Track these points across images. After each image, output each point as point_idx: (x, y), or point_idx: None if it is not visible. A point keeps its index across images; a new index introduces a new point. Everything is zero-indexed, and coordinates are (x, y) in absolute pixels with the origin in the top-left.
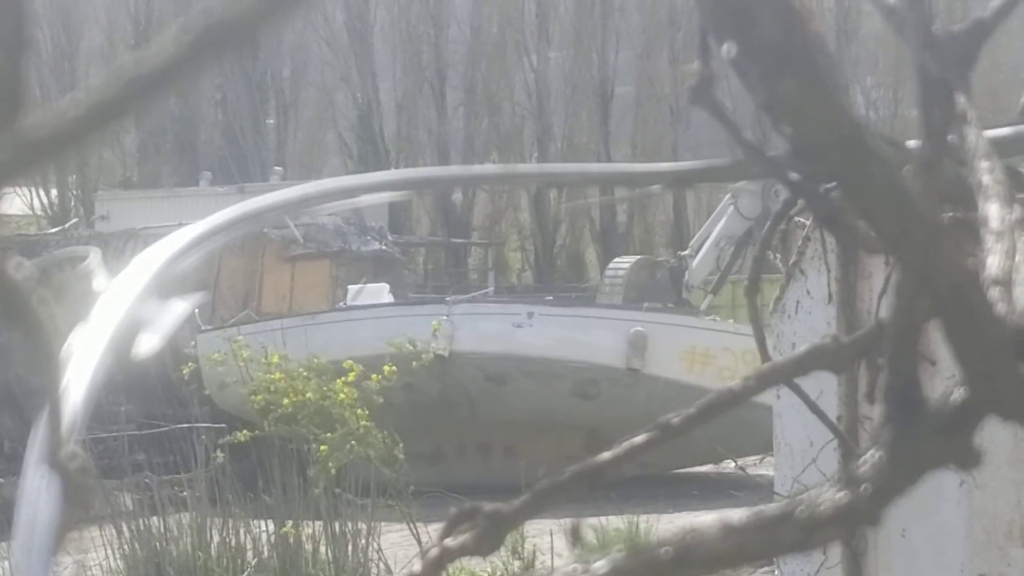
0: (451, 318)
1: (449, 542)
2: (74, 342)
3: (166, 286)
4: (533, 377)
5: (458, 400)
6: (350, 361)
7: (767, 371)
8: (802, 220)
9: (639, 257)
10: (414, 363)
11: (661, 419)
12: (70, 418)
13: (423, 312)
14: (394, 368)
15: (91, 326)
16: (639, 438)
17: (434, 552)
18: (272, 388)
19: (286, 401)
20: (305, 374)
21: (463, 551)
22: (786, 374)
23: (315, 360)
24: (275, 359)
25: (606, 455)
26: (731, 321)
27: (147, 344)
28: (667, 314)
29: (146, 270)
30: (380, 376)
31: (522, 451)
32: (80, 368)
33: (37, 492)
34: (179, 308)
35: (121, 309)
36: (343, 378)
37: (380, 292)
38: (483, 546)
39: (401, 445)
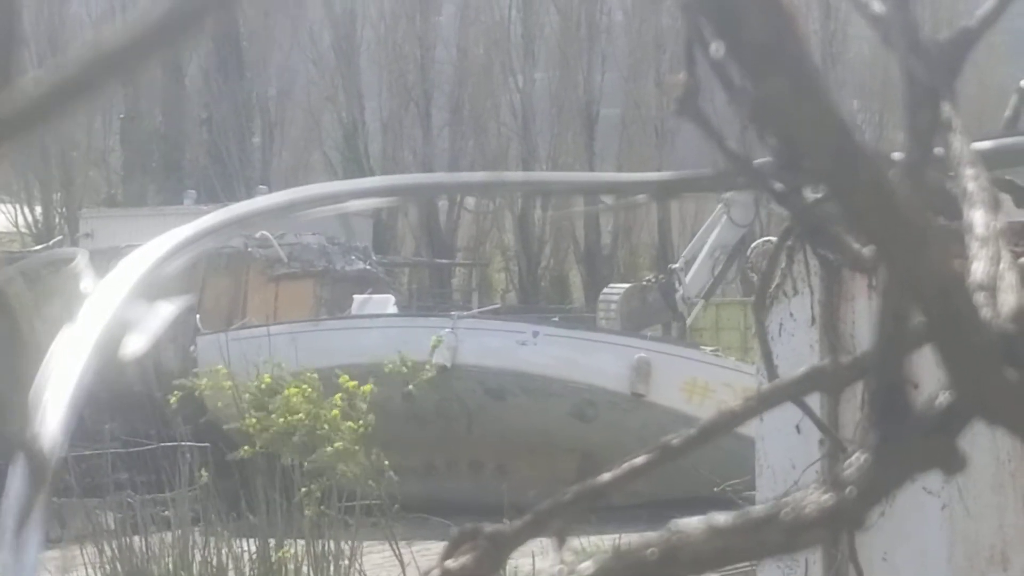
0: (456, 331)
1: (450, 563)
2: (60, 343)
3: (153, 289)
4: (532, 394)
5: (456, 413)
6: (345, 376)
7: (768, 392)
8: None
9: (627, 286)
10: (410, 386)
11: (662, 440)
12: (52, 414)
13: (428, 324)
14: (372, 387)
15: (78, 327)
16: (639, 459)
17: (435, 574)
18: (267, 407)
19: (281, 420)
20: (298, 390)
21: (464, 573)
22: (786, 395)
23: (306, 374)
24: (267, 379)
25: (606, 476)
26: (732, 359)
27: (134, 346)
28: (671, 344)
29: (133, 272)
30: (372, 385)
31: (514, 471)
32: (66, 369)
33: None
34: (166, 310)
35: (108, 311)
36: (337, 395)
37: (386, 303)
38: (484, 567)
39: (387, 464)
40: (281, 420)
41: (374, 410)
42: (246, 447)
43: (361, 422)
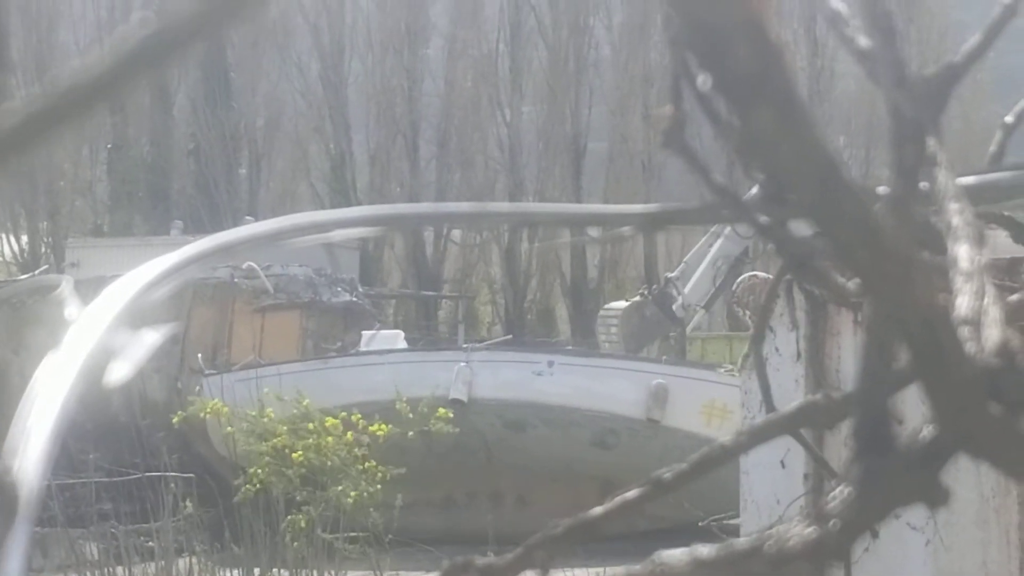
0: (470, 364)
1: None
2: (45, 371)
3: (138, 316)
4: (552, 425)
5: (475, 447)
6: (334, 420)
7: (760, 427)
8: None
9: (624, 306)
10: (429, 424)
11: (654, 475)
12: (35, 442)
13: (441, 358)
14: (386, 426)
15: (62, 355)
16: (631, 493)
17: None
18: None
19: (295, 455)
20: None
21: None
22: (778, 430)
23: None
24: (270, 413)
25: (599, 510)
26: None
27: (118, 374)
28: (687, 367)
29: (118, 300)
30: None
31: (534, 500)
32: (50, 396)
33: None
34: (151, 339)
35: (93, 338)
36: (349, 434)
37: (395, 338)
38: None
39: (400, 497)
40: (295, 455)
41: (390, 446)
42: (248, 486)
43: (380, 467)
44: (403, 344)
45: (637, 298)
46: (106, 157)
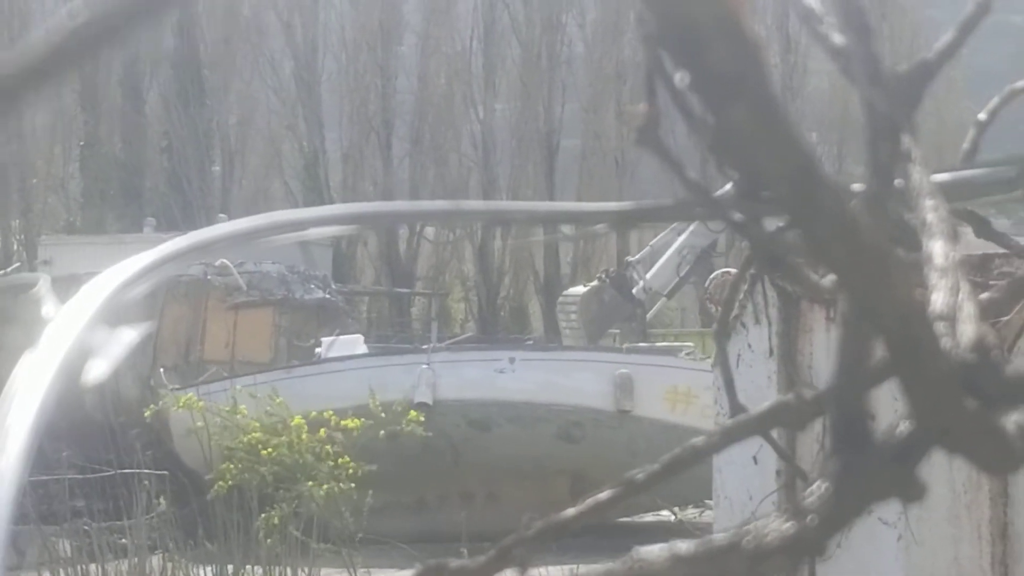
0: (432, 366)
1: None
2: (22, 369)
3: (114, 315)
4: (517, 422)
5: (442, 448)
6: (331, 412)
7: (731, 427)
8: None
9: (581, 293)
10: (402, 424)
11: (626, 475)
12: (12, 440)
13: (402, 362)
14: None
15: (40, 352)
16: (603, 494)
17: None
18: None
19: (267, 452)
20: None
21: None
22: (750, 430)
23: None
24: (243, 410)
25: (571, 511)
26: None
27: (96, 371)
28: (648, 355)
29: (95, 298)
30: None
31: (505, 498)
32: (27, 395)
33: None
34: (127, 337)
35: (70, 337)
36: (321, 430)
37: (355, 343)
38: None
39: (370, 496)
40: (282, 455)
41: (360, 450)
42: (220, 483)
43: (352, 463)
44: (363, 348)
45: (595, 283)
46: (78, 154)
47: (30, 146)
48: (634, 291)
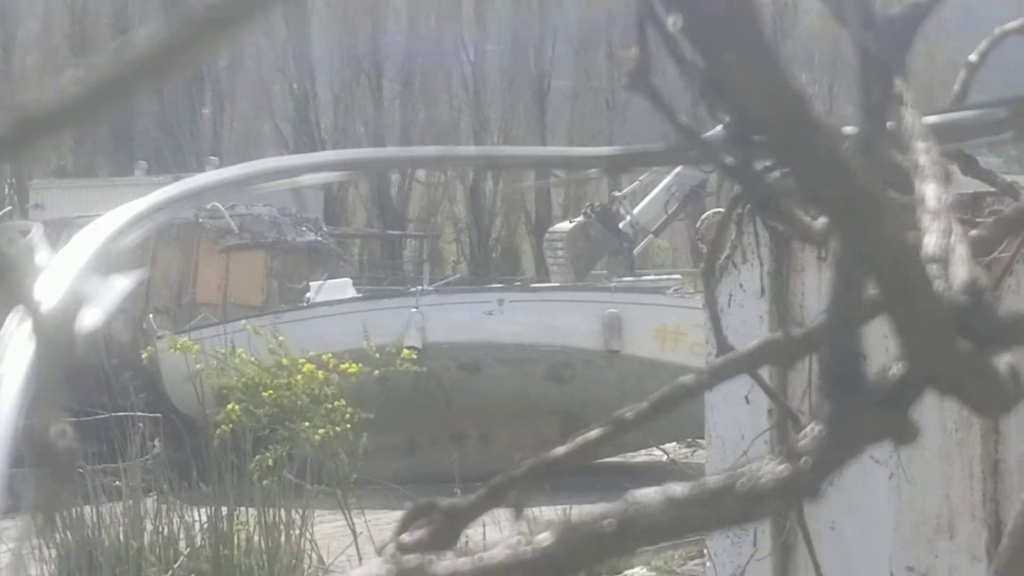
0: (420, 310)
1: (405, 537)
2: (16, 316)
3: (108, 262)
4: (507, 364)
5: (432, 391)
6: (310, 365)
7: (720, 365)
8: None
9: (567, 230)
10: (395, 365)
11: (615, 414)
12: (7, 388)
13: (391, 305)
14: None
15: (34, 301)
16: (592, 433)
17: (389, 548)
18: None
19: (266, 394)
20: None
21: (419, 547)
22: (739, 368)
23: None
24: (241, 353)
25: (560, 450)
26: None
27: (90, 319)
28: (637, 293)
29: (89, 246)
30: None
31: (497, 439)
32: (23, 342)
33: None
34: (121, 284)
35: (64, 284)
36: (320, 373)
37: (343, 287)
38: (439, 541)
39: (365, 439)
40: (279, 397)
41: (351, 395)
42: (224, 425)
43: (349, 407)
44: (352, 292)
45: (581, 218)
46: None
47: (19, 89)
48: (621, 226)
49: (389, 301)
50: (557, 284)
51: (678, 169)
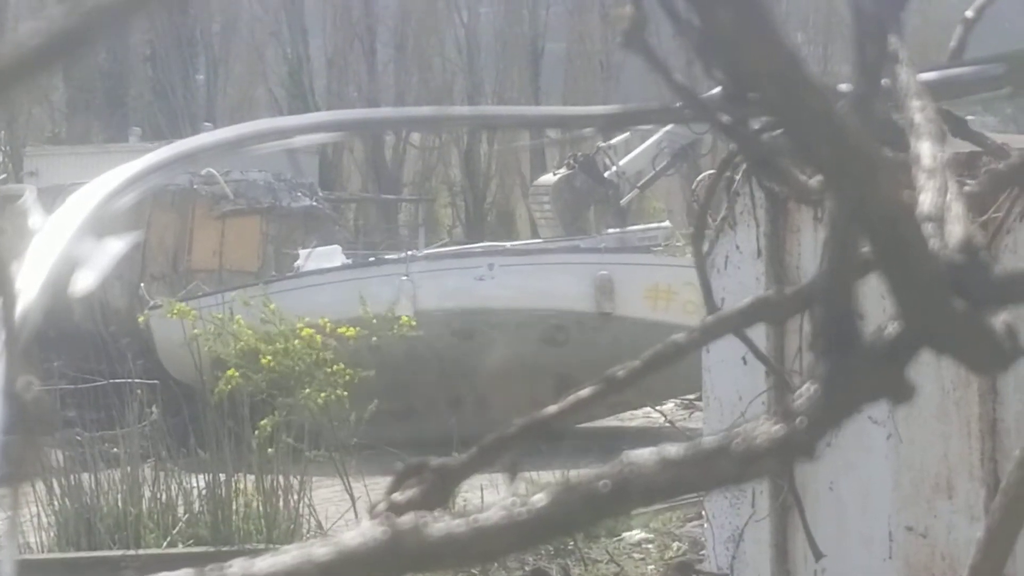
0: (411, 277)
1: (396, 497)
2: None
3: (102, 225)
4: (500, 328)
5: (426, 358)
6: (308, 329)
7: (712, 323)
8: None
9: (552, 183)
10: (392, 329)
11: (607, 372)
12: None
13: (381, 272)
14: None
15: (27, 264)
16: (585, 391)
17: (381, 507)
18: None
19: (264, 360)
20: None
21: (410, 506)
22: (731, 326)
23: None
24: (239, 320)
25: (552, 408)
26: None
27: (84, 282)
28: (627, 253)
29: (82, 209)
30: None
31: (494, 402)
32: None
33: None
34: (114, 247)
35: (57, 247)
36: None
37: (332, 255)
38: (431, 500)
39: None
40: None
41: (347, 359)
42: (223, 385)
43: (348, 370)
44: (341, 259)
45: (564, 170)
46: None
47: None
48: (606, 175)
49: (379, 268)
50: (542, 241)
51: (669, 126)
